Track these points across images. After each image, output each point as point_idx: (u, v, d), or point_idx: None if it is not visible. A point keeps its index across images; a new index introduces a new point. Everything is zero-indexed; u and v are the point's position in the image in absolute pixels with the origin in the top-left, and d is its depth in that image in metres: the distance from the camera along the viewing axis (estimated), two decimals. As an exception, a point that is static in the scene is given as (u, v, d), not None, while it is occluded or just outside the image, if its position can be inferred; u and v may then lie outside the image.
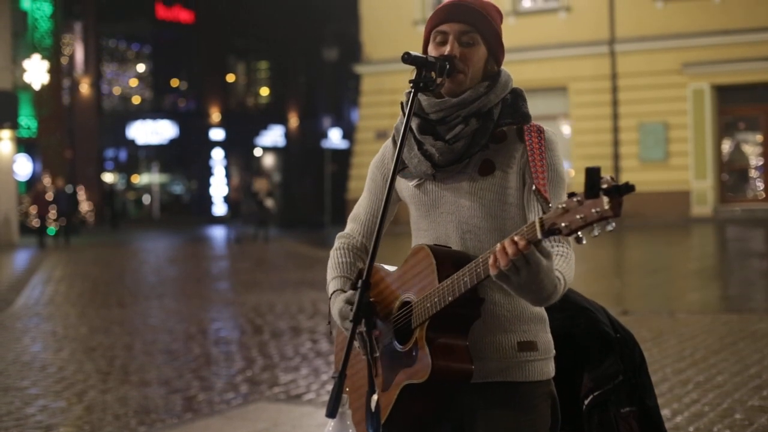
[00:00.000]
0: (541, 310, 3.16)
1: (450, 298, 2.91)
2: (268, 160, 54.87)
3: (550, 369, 3.15)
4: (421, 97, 3.15)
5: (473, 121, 3.08)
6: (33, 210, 33.47)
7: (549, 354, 3.15)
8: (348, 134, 48.55)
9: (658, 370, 8.88)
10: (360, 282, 2.93)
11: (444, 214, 3.15)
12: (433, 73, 3.06)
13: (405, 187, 3.25)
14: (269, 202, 32.29)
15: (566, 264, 2.96)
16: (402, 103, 3.16)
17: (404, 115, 3.10)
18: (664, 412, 7.17)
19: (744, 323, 11.78)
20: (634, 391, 3.61)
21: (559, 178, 3.08)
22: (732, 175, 31.83)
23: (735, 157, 32.00)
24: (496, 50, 3.18)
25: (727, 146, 31.88)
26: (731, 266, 19.66)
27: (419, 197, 3.20)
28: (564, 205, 2.55)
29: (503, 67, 3.22)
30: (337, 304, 3.18)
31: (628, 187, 2.45)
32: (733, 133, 32.08)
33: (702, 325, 11.77)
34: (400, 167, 3.20)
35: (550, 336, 3.18)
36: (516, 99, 3.17)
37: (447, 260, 3.00)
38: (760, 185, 31.32)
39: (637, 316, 12.21)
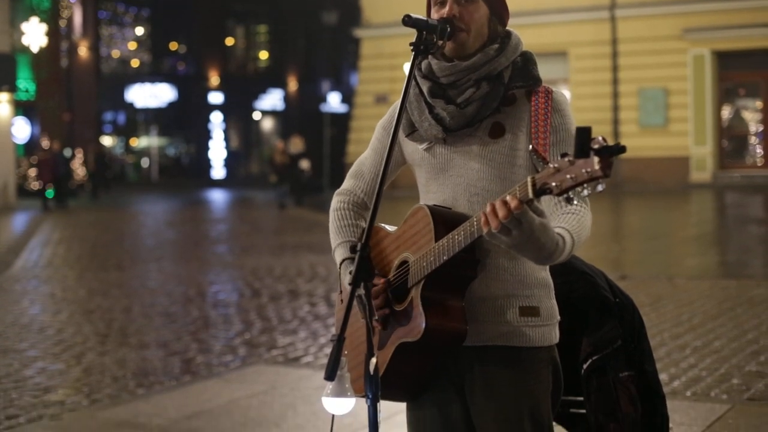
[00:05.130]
0: (546, 276, 3.14)
1: (444, 257, 2.90)
2: (267, 124, 54.79)
3: (552, 335, 3.14)
4: (432, 60, 3.13)
5: (484, 84, 3.06)
6: (33, 173, 33.47)
7: (552, 320, 3.14)
8: (347, 98, 48.42)
9: (656, 335, 8.91)
10: (359, 245, 2.92)
11: (453, 177, 3.13)
12: (433, 36, 3.04)
13: (414, 150, 3.23)
14: (305, 164, 31.48)
15: (576, 222, 2.94)
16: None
17: (411, 78, 3.09)
18: (662, 377, 7.19)
19: (742, 289, 11.80)
20: (633, 356, 3.61)
21: (570, 137, 3.04)
22: (731, 142, 31.78)
23: (735, 123, 31.92)
24: (499, 9, 3.15)
25: (726, 112, 31.80)
26: (730, 232, 19.68)
27: (429, 160, 3.18)
28: (556, 165, 2.53)
29: (513, 30, 3.20)
30: (347, 275, 3.16)
31: (619, 148, 2.43)
32: (733, 99, 32.00)
33: (700, 291, 11.79)
34: (409, 130, 3.18)
35: (554, 302, 3.16)
36: (526, 62, 3.14)
37: (444, 220, 2.99)
38: (760, 151, 31.27)
39: (635, 281, 12.23)
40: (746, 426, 6.39)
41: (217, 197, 38.15)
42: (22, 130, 37.53)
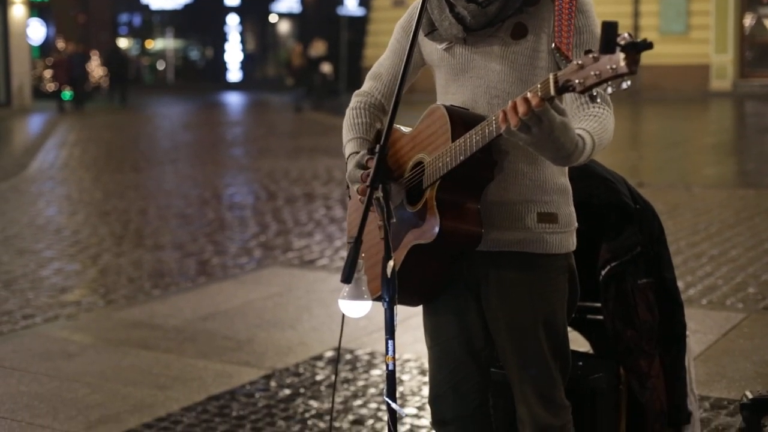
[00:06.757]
0: (566, 182, 3.07)
1: (461, 158, 2.83)
2: (284, 27, 54.35)
3: (570, 242, 3.08)
4: None
5: None
6: (49, 75, 33.30)
7: (570, 227, 3.07)
8: (364, 1, 47.90)
9: (673, 243, 8.86)
10: (378, 146, 2.85)
11: (473, 78, 3.04)
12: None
13: (433, 49, 3.14)
14: (326, 67, 30.96)
15: (598, 124, 2.85)
16: None
17: None
18: (678, 285, 7.18)
19: (760, 198, 11.74)
20: (652, 263, 3.58)
21: (594, 39, 2.94)
22: (753, 50, 31.39)
23: (756, 31, 31.48)
24: None
25: (749, 20, 31.36)
26: (749, 141, 19.53)
27: (448, 60, 3.09)
28: (580, 62, 2.45)
29: None
30: (349, 168, 3.11)
31: (646, 44, 2.35)
32: (756, 7, 31.50)
33: (718, 200, 11.74)
34: (429, 29, 3.10)
35: (572, 209, 3.09)
36: None
37: (461, 120, 2.91)
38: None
39: (653, 189, 12.14)
40: (761, 335, 6.39)
41: (233, 100, 38.00)
42: (37, 31, 37.26)
